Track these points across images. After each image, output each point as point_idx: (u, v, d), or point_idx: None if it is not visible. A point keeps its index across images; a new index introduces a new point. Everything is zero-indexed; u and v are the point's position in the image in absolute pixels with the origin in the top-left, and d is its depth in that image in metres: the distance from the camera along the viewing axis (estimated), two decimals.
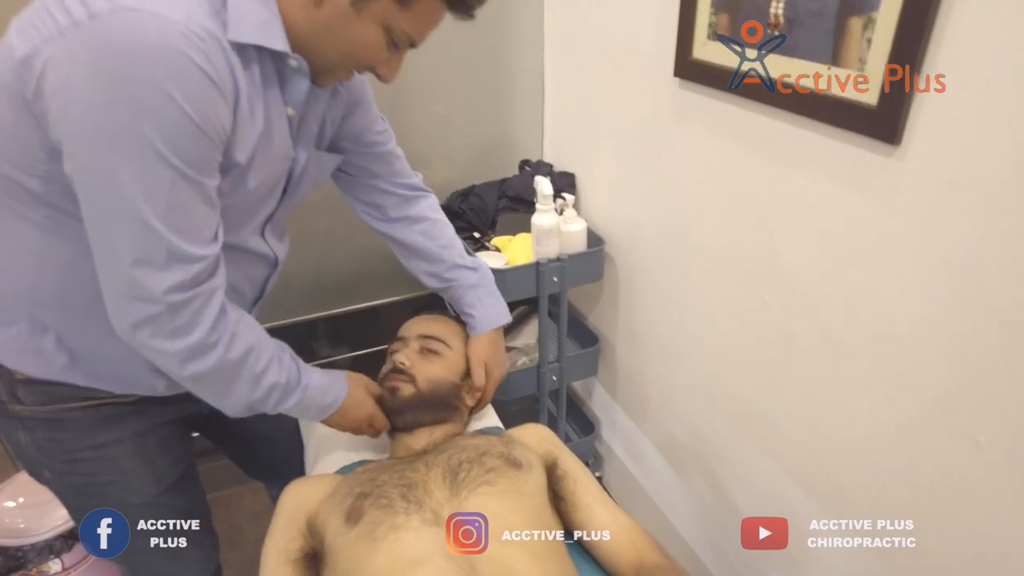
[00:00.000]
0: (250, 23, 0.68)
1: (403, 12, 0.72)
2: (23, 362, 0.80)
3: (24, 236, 0.74)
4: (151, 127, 0.63)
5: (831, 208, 0.91)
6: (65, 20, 0.61)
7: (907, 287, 0.83)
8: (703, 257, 1.22)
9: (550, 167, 1.69)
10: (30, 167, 0.69)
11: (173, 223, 0.68)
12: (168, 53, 0.62)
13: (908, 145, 0.78)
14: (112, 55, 0.61)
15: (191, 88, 0.63)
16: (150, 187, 0.66)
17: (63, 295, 0.77)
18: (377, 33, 0.73)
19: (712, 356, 1.27)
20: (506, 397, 1.57)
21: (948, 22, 0.71)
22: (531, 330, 1.68)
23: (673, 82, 1.16)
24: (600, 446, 1.82)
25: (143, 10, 0.61)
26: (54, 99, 0.63)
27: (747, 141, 1.04)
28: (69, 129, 0.64)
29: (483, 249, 1.57)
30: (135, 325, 0.72)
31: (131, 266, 0.68)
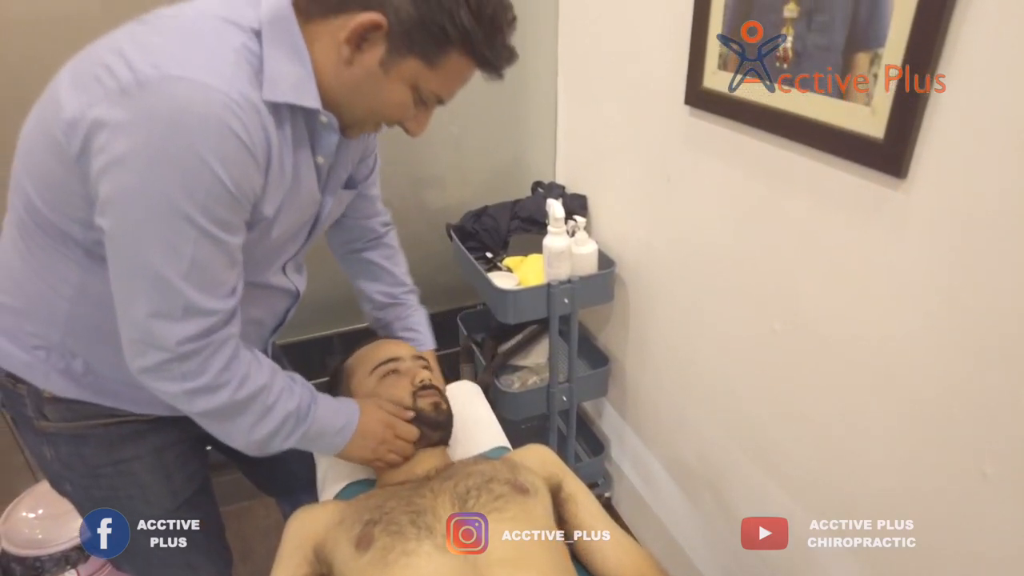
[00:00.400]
0: (285, 83, 0.71)
1: (431, 72, 0.75)
2: (52, 382, 0.83)
3: (64, 270, 0.78)
4: (185, 191, 0.66)
5: (838, 238, 0.93)
6: (113, 84, 0.64)
7: (913, 320, 0.84)
8: (713, 281, 1.24)
9: (562, 189, 1.71)
10: (72, 214, 0.73)
11: (193, 279, 0.71)
12: (210, 123, 0.65)
13: (914, 179, 0.80)
14: (157, 123, 0.64)
15: (228, 156, 0.66)
16: (175, 246, 0.68)
17: (95, 326, 0.80)
18: (405, 92, 0.76)
19: (721, 380, 1.28)
20: (516, 416, 1.58)
21: (953, 56, 0.73)
22: (542, 349, 1.70)
23: (684, 110, 1.18)
24: (610, 466, 1.82)
25: (189, 79, 0.64)
26: (98, 158, 0.66)
27: (756, 169, 1.06)
28: (107, 187, 0.67)
29: (495, 269, 1.59)
30: (145, 368, 0.75)
31: (147, 317, 0.71)
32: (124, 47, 0.67)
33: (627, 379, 1.65)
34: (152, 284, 0.70)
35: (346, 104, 0.77)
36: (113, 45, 0.68)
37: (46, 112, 0.70)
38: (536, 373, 1.66)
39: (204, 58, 0.67)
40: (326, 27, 0.72)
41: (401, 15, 0.70)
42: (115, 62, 0.65)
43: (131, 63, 0.64)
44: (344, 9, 0.71)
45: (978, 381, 0.77)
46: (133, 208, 0.67)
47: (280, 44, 0.71)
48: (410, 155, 1.71)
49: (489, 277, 1.48)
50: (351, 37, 0.71)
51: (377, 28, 0.70)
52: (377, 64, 0.73)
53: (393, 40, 0.72)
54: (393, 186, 1.71)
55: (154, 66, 0.64)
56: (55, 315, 0.80)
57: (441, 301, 1.89)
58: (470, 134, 1.73)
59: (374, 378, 1.07)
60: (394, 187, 1.72)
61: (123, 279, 0.71)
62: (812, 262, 0.99)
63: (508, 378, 1.66)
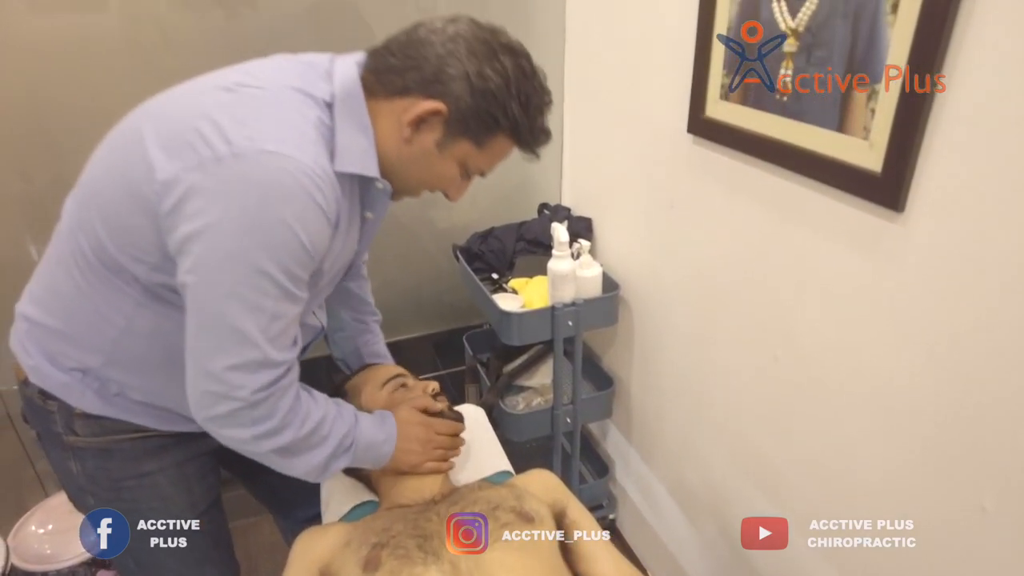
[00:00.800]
0: (354, 156, 0.79)
1: (479, 152, 0.84)
2: (85, 401, 0.87)
3: (119, 303, 0.82)
4: (272, 255, 0.72)
5: (837, 268, 0.93)
6: (208, 153, 0.70)
7: (912, 352, 0.84)
8: (715, 308, 1.24)
9: (568, 211, 1.73)
10: (141, 259, 0.78)
11: (270, 335, 0.76)
12: (298, 194, 0.72)
13: (911, 212, 0.81)
14: (251, 192, 0.70)
15: (311, 223, 0.74)
16: (258, 304, 0.74)
17: (138, 357, 0.85)
18: (454, 168, 0.85)
19: (724, 405, 1.28)
20: (520, 438, 1.59)
21: (948, 97, 0.74)
22: (546, 370, 1.71)
23: (687, 138, 1.20)
24: (614, 487, 1.82)
25: (281, 153, 0.71)
26: (189, 221, 0.71)
27: (757, 198, 1.07)
28: (198, 248, 0.71)
29: (500, 290, 1.60)
30: (215, 417, 0.79)
31: (225, 370, 0.75)
32: (215, 116, 0.72)
33: (632, 401, 1.65)
34: (234, 339, 0.74)
35: (400, 174, 0.85)
36: (202, 111, 0.73)
37: (132, 169, 0.75)
38: (541, 394, 1.67)
39: (290, 133, 0.73)
40: (389, 106, 0.80)
41: (460, 104, 0.79)
42: (209, 131, 0.71)
43: (225, 134, 0.71)
44: (408, 93, 0.79)
45: (978, 415, 0.78)
46: (222, 269, 0.72)
47: (350, 118, 0.79)
48: None
49: (494, 299, 1.49)
50: (414, 120, 0.79)
51: (438, 114, 0.79)
52: (433, 144, 0.81)
53: (450, 125, 0.80)
54: (402, 206, 1.72)
55: (248, 139, 0.70)
56: (101, 343, 0.84)
57: (447, 320, 1.91)
58: None
59: (385, 392, 1.10)
60: (403, 207, 1.73)
61: (204, 334, 0.76)
62: (813, 292, 0.99)
63: (513, 399, 1.66)
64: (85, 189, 0.83)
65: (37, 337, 0.86)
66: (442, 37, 0.79)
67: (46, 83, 1.35)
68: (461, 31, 0.80)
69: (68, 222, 0.84)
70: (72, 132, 1.41)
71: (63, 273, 0.84)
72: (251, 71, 0.80)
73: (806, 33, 0.89)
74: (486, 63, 0.79)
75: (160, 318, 0.82)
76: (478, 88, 0.78)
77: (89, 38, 1.36)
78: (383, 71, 0.81)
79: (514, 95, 0.80)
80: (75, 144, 1.40)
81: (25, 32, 1.32)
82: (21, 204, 1.46)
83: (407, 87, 0.79)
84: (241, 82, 0.77)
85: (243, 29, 1.45)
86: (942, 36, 0.72)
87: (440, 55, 0.78)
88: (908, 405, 0.86)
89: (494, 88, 0.79)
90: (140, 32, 1.39)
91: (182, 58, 1.42)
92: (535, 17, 1.62)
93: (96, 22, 1.36)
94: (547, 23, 1.63)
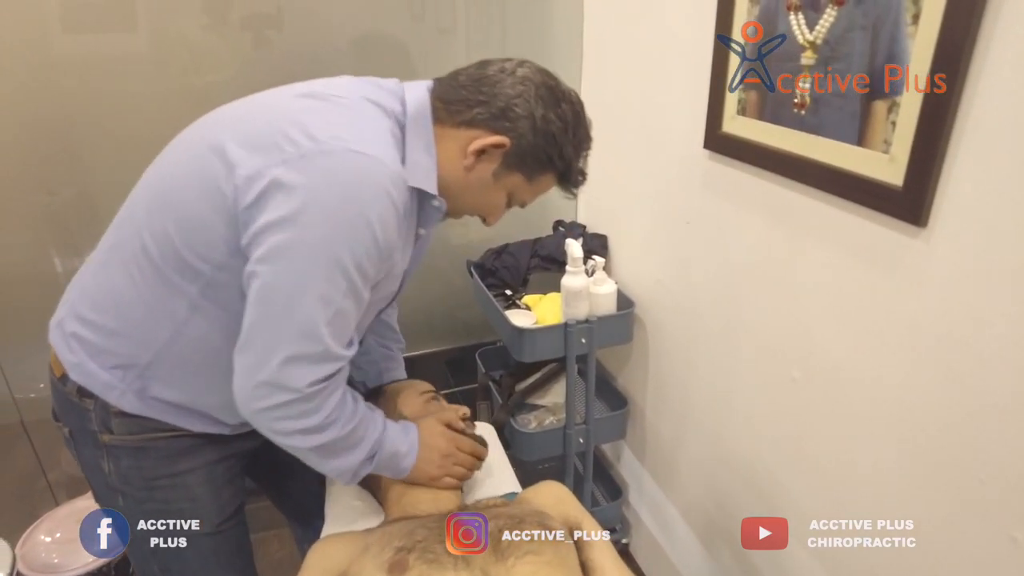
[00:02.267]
0: (421, 172, 0.83)
1: (527, 185, 0.90)
2: (124, 401, 0.88)
3: (173, 304, 0.83)
4: (350, 249, 0.75)
5: (857, 285, 0.91)
6: (293, 150, 0.73)
7: (935, 373, 0.81)
8: (731, 326, 1.22)
9: (583, 228, 1.72)
10: (207, 255, 0.80)
11: (334, 328, 0.78)
12: (380, 193, 0.75)
13: (934, 227, 0.78)
14: (336, 186, 0.73)
15: (387, 221, 0.77)
16: (329, 296, 0.76)
17: (184, 361, 0.87)
18: (503, 198, 0.91)
19: (741, 428, 1.24)
20: (531, 458, 1.56)
21: (971, 109, 0.72)
22: (560, 389, 1.68)
23: (703, 154, 1.18)
24: (628, 511, 1.78)
25: (367, 154, 0.75)
26: (271, 212, 0.73)
27: (775, 214, 1.05)
28: (277, 237, 0.74)
29: (514, 307, 1.59)
30: (265, 409, 0.80)
31: (285, 360, 0.77)
32: (302, 119, 0.76)
33: (646, 422, 1.62)
34: (300, 330, 0.76)
35: (455, 197, 0.89)
36: (289, 116, 0.77)
37: (208, 170, 0.77)
38: (553, 413, 1.64)
39: (373, 137, 0.78)
40: (454, 134, 0.85)
41: (523, 142, 0.85)
42: (296, 132, 0.74)
43: (312, 134, 0.74)
44: (475, 125, 0.85)
45: (1001, 436, 0.74)
46: (300, 259, 0.74)
47: (418, 138, 0.84)
48: None
49: (507, 315, 1.48)
50: (479, 149, 0.84)
51: (500, 147, 0.84)
52: (490, 174, 0.87)
53: (508, 158, 0.86)
54: None
55: (336, 138, 0.74)
56: (150, 343, 0.85)
57: (460, 337, 1.90)
58: None
59: (421, 400, 1.11)
60: None
61: (269, 323, 0.77)
62: (831, 310, 0.97)
63: (525, 417, 1.64)
64: (153, 195, 0.85)
65: (83, 334, 0.87)
66: (513, 79, 0.85)
67: (74, 100, 1.38)
68: (529, 75, 0.86)
69: (130, 225, 0.85)
70: (97, 149, 1.44)
71: (119, 271, 0.85)
72: (328, 84, 0.85)
73: (824, 46, 0.88)
74: (551, 108, 0.85)
75: (211, 323, 0.84)
76: (541, 129, 0.85)
77: (118, 57, 1.39)
78: (453, 101, 0.85)
79: (570, 140, 0.87)
80: (100, 161, 1.45)
81: (57, 50, 1.35)
82: (46, 218, 1.49)
83: (475, 119, 0.84)
84: (324, 91, 0.82)
85: (270, 52, 1.49)
86: (964, 48, 0.70)
87: (510, 95, 0.84)
88: (931, 427, 0.83)
89: (555, 131, 0.86)
90: (168, 52, 1.42)
91: (209, 78, 1.45)
92: (553, 31, 1.63)
93: (125, 41, 1.40)
94: (564, 38, 1.63)
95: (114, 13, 1.36)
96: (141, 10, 1.38)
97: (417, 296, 1.85)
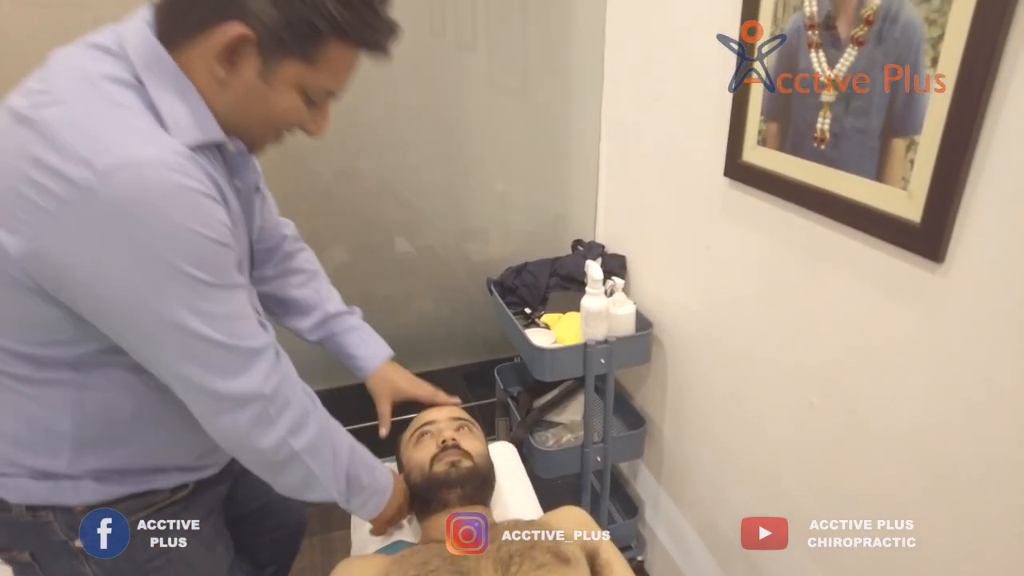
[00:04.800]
0: (189, 124, 0.68)
1: (313, 70, 0.71)
2: (83, 494, 0.80)
3: (55, 398, 0.75)
4: (185, 263, 0.65)
5: (876, 317, 0.92)
6: (51, 202, 0.60)
7: (953, 405, 0.83)
8: (750, 351, 1.23)
9: (602, 248, 1.74)
10: (52, 340, 0.71)
11: (236, 330, 0.72)
12: (172, 193, 0.63)
13: (952, 263, 0.80)
14: (122, 219, 0.62)
15: (200, 213, 0.66)
16: (206, 311, 0.68)
17: (106, 434, 0.79)
18: (292, 96, 0.72)
19: (758, 450, 1.26)
20: (549, 475, 1.58)
21: (990, 147, 0.73)
22: (577, 406, 1.70)
23: (723, 181, 1.20)
24: (643, 529, 1.79)
25: (125, 164, 0.61)
26: (83, 281, 0.64)
27: (794, 243, 1.06)
28: (109, 296, 0.65)
29: (533, 325, 1.61)
30: (249, 430, 0.75)
31: (224, 384, 0.72)
32: (35, 154, 0.61)
33: (664, 442, 1.63)
34: (207, 354, 0.70)
35: (239, 124, 0.74)
36: (17, 154, 0.62)
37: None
38: (571, 431, 1.66)
39: (121, 135, 0.63)
40: (196, 51, 0.68)
41: (265, 20, 0.66)
42: (38, 175, 0.61)
43: (57, 171, 0.60)
44: (204, 25, 0.67)
45: (1018, 471, 0.75)
46: (147, 301, 0.66)
47: (164, 85, 0.68)
48: (456, 209, 1.78)
49: (526, 333, 1.50)
50: (221, 55, 0.67)
51: (245, 40, 0.67)
52: (256, 76, 0.69)
53: (264, 47, 0.68)
54: (438, 238, 1.79)
55: (86, 164, 0.60)
56: (57, 443, 0.78)
57: (479, 352, 1.92)
58: (514, 191, 1.79)
59: (411, 444, 1.14)
60: (439, 239, 1.79)
61: (176, 368, 0.71)
62: (850, 339, 0.98)
63: (542, 434, 1.66)
64: None
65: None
66: None
67: None
68: None
69: None
70: None
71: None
72: (39, 88, 0.66)
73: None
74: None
75: (107, 387, 0.76)
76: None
77: None
78: (174, 14, 0.69)
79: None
80: None
81: None
82: None
83: (203, 20, 0.67)
84: (35, 104, 0.64)
85: None
86: (982, 92, 0.72)
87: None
88: (950, 458, 0.84)
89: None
90: None
91: None
92: (574, 57, 1.66)
93: None
94: (586, 64, 1.66)
95: None
96: None
97: (437, 311, 1.88)
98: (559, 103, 1.70)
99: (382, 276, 1.75)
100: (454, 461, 1.07)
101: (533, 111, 1.70)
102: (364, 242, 1.70)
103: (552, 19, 1.62)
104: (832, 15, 0.89)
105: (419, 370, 1.80)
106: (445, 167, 1.71)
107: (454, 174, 1.71)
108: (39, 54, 0.71)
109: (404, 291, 1.82)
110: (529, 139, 1.73)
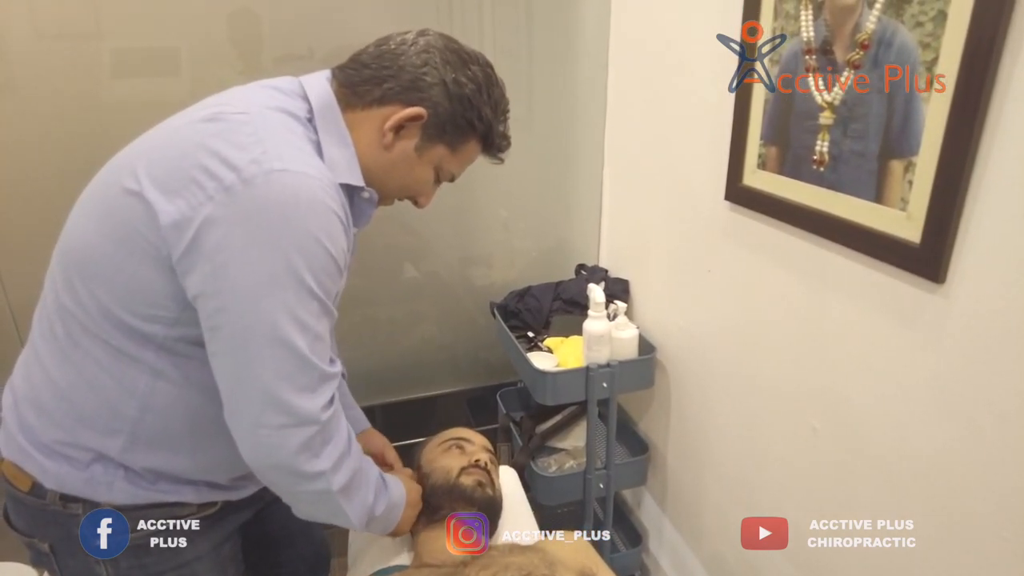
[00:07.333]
0: (343, 167, 0.80)
1: (453, 156, 0.88)
2: (114, 493, 0.82)
3: (130, 378, 0.78)
4: (303, 267, 0.71)
5: (876, 339, 0.92)
6: (214, 184, 0.69)
7: (956, 428, 0.82)
8: (752, 376, 1.22)
9: (605, 272, 1.74)
10: (154, 315, 0.75)
11: (318, 351, 0.75)
12: (317, 207, 0.72)
13: (952, 284, 0.79)
14: (270, 213, 0.70)
15: (334, 232, 0.74)
16: (304, 321, 0.73)
17: (160, 434, 0.81)
18: (430, 173, 0.89)
19: (761, 478, 1.24)
20: (551, 502, 1.56)
21: (987, 168, 0.74)
22: (580, 432, 1.68)
23: (724, 205, 1.21)
24: (647, 558, 1.75)
25: (289, 170, 0.71)
26: (211, 258, 0.70)
27: (795, 266, 1.06)
28: (226, 283, 0.70)
29: (536, 349, 1.61)
30: (291, 453, 0.75)
31: (292, 395, 0.73)
32: (212, 145, 0.71)
33: (668, 469, 1.61)
34: (289, 361, 0.73)
35: (381, 181, 0.86)
36: (196, 144, 0.72)
37: (129, 221, 0.72)
38: (574, 457, 1.64)
39: (290, 150, 0.74)
40: (367, 116, 0.83)
41: (439, 110, 0.83)
42: (210, 162, 0.70)
43: (228, 161, 0.70)
44: (387, 102, 0.82)
45: (1021, 492, 0.74)
46: (258, 294, 0.70)
47: (331, 132, 0.81)
48: (460, 234, 1.79)
49: (528, 357, 1.50)
50: (395, 125, 0.82)
51: (417, 120, 0.82)
52: (413, 149, 0.85)
53: (427, 130, 0.84)
54: (443, 263, 1.80)
55: (253, 162, 0.70)
56: (119, 425, 0.80)
57: (481, 377, 1.91)
58: (518, 216, 1.81)
59: (440, 449, 1.13)
60: (443, 264, 1.80)
61: (250, 370, 0.73)
62: (851, 362, 0.97)
63: (545, 460, 1.64)
64: (72, 256, 0.78)
65: (43, 440, 0.80)
66: (416, 48, 0.83)
67: (122, 141, 1.45)
68: (432, 42, 0.84)
69: (56, 308, 0.79)
70: None
71: (59, 363, 0.79)
72: (224, 101, 0.79)
73: (842, 106, 0.90)
74: (460, 71, 0.83)
75: (182, 383, 0.79)
76: (455, 94, 0.83)
77: (163, 102, 1.45)
78: (358, 83, 0.83)
79: (486, 100, 0.86)
80: None
81: (107, 94, 1.43)
82: None
83: (385, 96, 0.82)
84: (221, 111, 0.76)
85: None
86: (977, 113, 0.72)
87: (416, 64, 0.82)
88: (953, 482, 0.83)
89: (470, 94, 0.84)
90: (208, 95, 1.49)
91: None
92: (578, 81, 1.68)
93: (169, 86, 1.47)
94: (589, 92, 1.69)
95: (160, 61, 1.44)
96: (184, 57, 1.45)
97: (440, 336, 1.88)
98: (563, 131, 1.73)
99: (387, 301, 1.76)
100: (481, 482, 1.08)
101: (537, 139, 1.72)
102: (370, 267, 1.72)
103: (556, 48, 1.65)
104: (828, 40, 0.91)
105: (422, 395, 1.80)
106: (451, 193, 1.71)
107: (460, 200, 1.73)
108: (57, 85, 0.74)
109: (408, 315, 1.82)
110: (533, 166, 1.75)
